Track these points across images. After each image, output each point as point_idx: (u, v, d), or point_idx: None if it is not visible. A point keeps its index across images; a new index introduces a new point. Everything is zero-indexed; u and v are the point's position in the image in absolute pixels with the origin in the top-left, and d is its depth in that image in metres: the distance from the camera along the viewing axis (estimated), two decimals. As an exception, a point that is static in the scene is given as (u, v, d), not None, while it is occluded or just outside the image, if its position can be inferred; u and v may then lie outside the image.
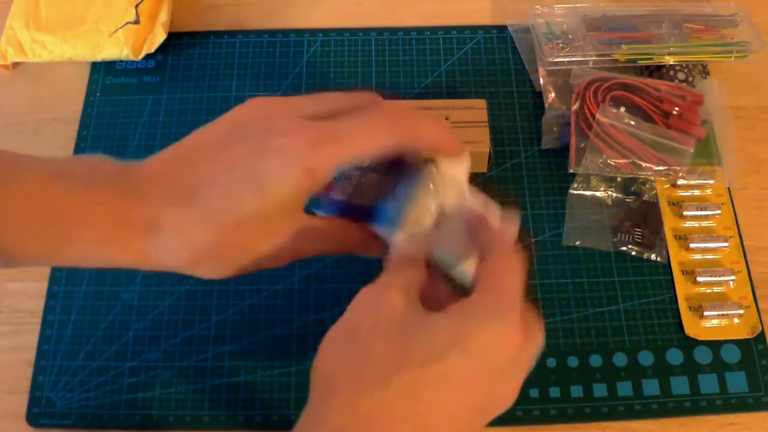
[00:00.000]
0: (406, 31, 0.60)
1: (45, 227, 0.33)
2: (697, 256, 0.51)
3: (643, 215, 0.52)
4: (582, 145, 0.52)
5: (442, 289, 0.36)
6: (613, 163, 0.52)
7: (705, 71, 0.57)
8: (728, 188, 0.54)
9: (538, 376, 0.48)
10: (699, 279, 0.50)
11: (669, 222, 0.52)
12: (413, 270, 0.35)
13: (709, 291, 0.50)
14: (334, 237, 0.38)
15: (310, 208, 0.37)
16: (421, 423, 0.30)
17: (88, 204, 0.33)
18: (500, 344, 0.31)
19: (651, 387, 0.47)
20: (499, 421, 0.46)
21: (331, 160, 0.33)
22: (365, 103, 0.36)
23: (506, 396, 0.34)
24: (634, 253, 0.51)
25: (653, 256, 0.51)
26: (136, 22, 0.57)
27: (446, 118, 0.52)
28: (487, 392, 0.32)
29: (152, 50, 0.58)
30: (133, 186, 0.34)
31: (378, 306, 0.33)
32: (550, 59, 0.55)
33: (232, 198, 0.33)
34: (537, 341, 0.34)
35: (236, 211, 0.33)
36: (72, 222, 0.33)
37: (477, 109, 0.53)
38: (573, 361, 0.48)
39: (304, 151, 0.33)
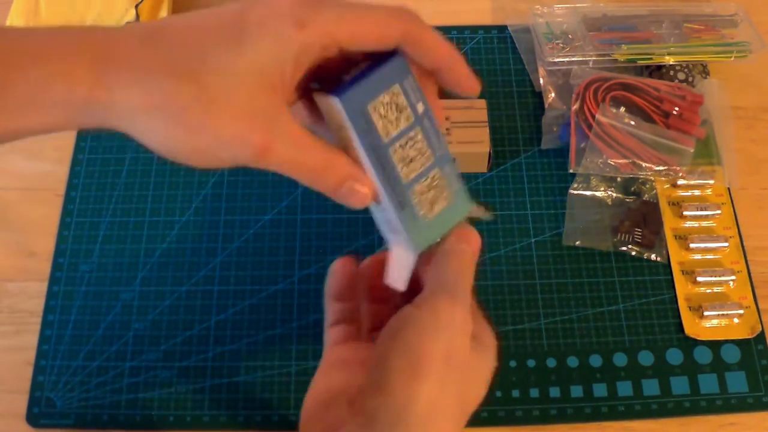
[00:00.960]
0: (406, 31, 0.60)
1: None
2: (697, 256, 0.51)
3: (643, 215, 0.52)
4: (582, 145, 0.52)
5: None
6: (613, 163, 0.52)
7: (705, 71, 0.57)
8: (728, 188, 0.54)
9: (538, 376, 0.48)
10: (699, 279, 0.50)
11: (669, 222, 0.52)
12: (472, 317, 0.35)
13: (709, 291, 0.50)
14: (311, 154, 0.31)
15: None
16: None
17: (32, 47, 0.29)
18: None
19: (651, 387, 0.47)
20: (500, 420, 0.46)
21: (329, 20, 0.29)
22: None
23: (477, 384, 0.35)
24: (634, 253, 0.51)
25: (653, 256, 0.51)
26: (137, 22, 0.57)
27: (446, 118, 0.52)
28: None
29: (152, 50, 0.58)
30: (88, 28, 0.30)
31: (454, 345, 0.33)
32: (550, 59, 0.55)
33: (206, 42, 0.29)
34: (491, 346, 0.36)
35: (207, 59, 0.29)
36: (14, 65, 0.28)
37: (477, 109, 0.53)
38: (573, 361, 0.48)
39: (299, 4, 0.29)
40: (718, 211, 0.52)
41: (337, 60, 0.32)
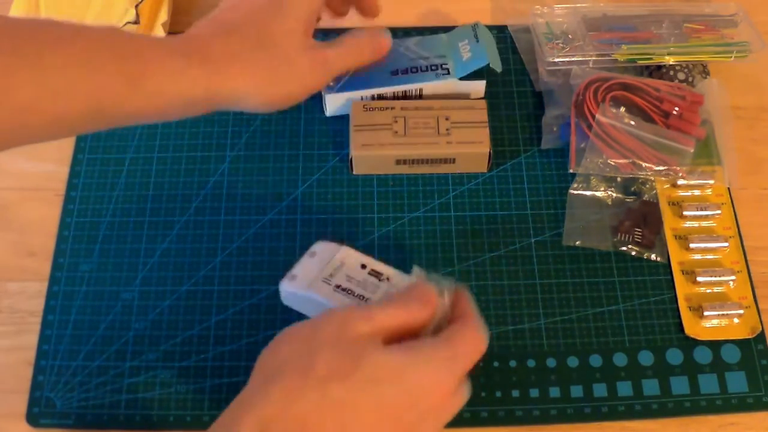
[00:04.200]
0: (407, 31, 0.60)
1: (124, 63, 0.38)
2: (697, 256, 0.51)
3: (643, 215, 0.52)
4: (582, 145, 0.52)
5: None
6: (613, 163, 0.52)
7: (705, 71, 0.57)
8: (728, 188, 0.54)
9: (538, 376, 0.48)
10: (699, 279, 0.50)
11: (669, 222, 0.52)
12: (407, 315, 0.36)
13: (709, 291, 0.50)
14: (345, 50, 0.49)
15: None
16: None
17: (155, 46, 0.40)
18: (433, 388, 0.34)
19: (651, 387, 0.47)
20: (500, 420, 0.46)
21: None
22: None
23: None
24: (634, 253, 0.51)
25: (653, 256, 0.51)
26: (136, 22, 0.57)
27: (446, 119, 0.52)
28: (408, 426, 0.34)
29: (152, 50, 0.58)
30: (183, 35, 0.43)
31: (345, 325, 0.35)
32: (550, 59, 0.55)
33: (263, 21, 0.44)
34: (461, 400, 0.37)
35: (265, 30, 0.43)
36: (147, 59, 0.39)
37: (477, 109, 0.53)
38: (573, 361, 0.48)
39: None
40: (718, 211, 0.52)
41: None
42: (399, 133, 0.52)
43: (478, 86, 0.55)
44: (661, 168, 0.52)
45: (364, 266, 0.42)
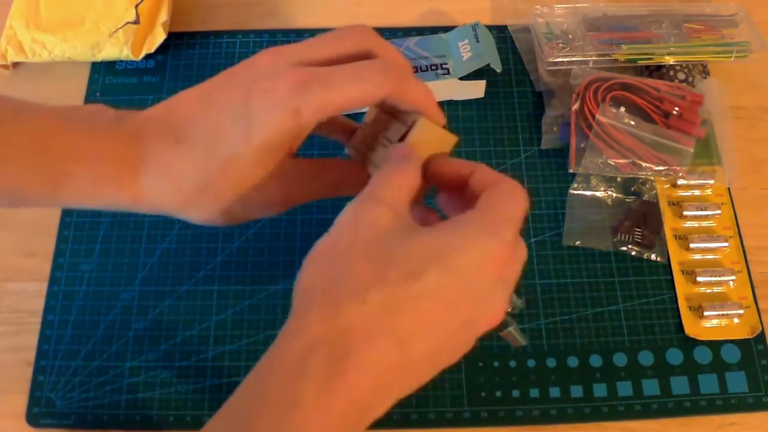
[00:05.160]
0: (407, 31, 0.60)
1: (47, 163, 0.34)
2: (697, 256, 0.51)
3: (643, 215, 0.52)
4: (582, 145, 0.52)
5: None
6: (613, 163, 0.52)
7: (705, 71, 0.57)
8: (728, 188, 0.54)
9: (538, 376, 0.48)
10: (699, 279, 0.50)
11: (669, 222, 0.52)
12: (405, 177, 0.34)
13: (709, 291, 0.50)
14: (324, 176, 0.40)
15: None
16: (398, 337, 0.30)
17: (87, 143, 0.34)
18: (483, 262, 0.31)
19: (651, 387, 0.47)
20: (500, 421, 0.46)
21: (318, 102, 0.34)
22: (362, 52, 0.36)
23: (491, 312, 0.33)
24: (634, 253, 0.51)
25: (653, 256, 0.51)
26: (136, 22, 0.57)
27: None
28: (469, 308, 0.31)
29: (152, 50, 0.58)
30: (128, 128, 0.36)
31: (360, 222, 0.32)
32: (550, 59, 0.55)
33: (219, 137, 0.34)
34: (521, 258, 0.34)
35: (223, 149, 0.34)
36: (72, 159, 0.34)
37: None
38: (573, 361, 0.48)
39: (291, 92, 0.33)
40: (718, 211, 0.52)
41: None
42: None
43: (478, 86, 0.55)
44: (661, 168, 0.52)
45: None
